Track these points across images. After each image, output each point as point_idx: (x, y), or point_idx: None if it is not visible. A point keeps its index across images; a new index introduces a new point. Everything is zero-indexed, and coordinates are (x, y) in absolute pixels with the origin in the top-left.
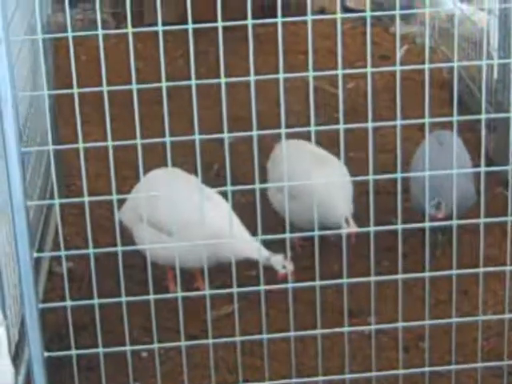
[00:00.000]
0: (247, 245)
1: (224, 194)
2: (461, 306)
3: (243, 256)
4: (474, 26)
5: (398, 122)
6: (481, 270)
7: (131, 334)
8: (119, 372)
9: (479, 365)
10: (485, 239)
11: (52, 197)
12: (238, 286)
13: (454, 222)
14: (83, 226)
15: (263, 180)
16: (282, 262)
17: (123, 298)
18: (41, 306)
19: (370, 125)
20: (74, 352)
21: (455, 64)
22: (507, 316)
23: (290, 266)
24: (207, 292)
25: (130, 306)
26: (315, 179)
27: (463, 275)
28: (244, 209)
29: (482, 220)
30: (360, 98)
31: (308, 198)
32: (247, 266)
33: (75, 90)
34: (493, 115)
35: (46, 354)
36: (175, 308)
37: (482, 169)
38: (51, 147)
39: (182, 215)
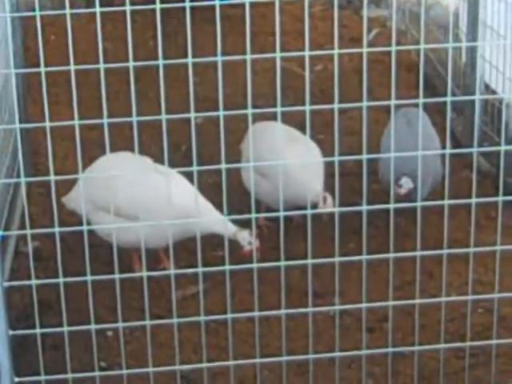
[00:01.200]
0: (213, 219)
1: (191, 175)
2: (426, 287)
3: (210, 231)
4: (443, 10)
5: (364, 104)
6: (445, 251)
7: (96, 314)
8: (84, 351)
9: (442, 346)
10: (450, 222)
11: (19, 176)
12: (204, 266)
13: (419, 204)
14: (50, 205)
15: (232, 161)
16: (248, 238)
17: (88, 277)
18: (6, 284)
19: (335, 106)
20: (38, 331)
21: (422, 46)
22: (470, 298)
23: (255, 242)
24: (172, 272)
25: (96, 286)
26: (287, 158)
27: (428, 257)
28: (212, 190)
29: (446, 202)
30: (328, 80)
31: (280, 176)
32: (213, 246)
33: (42, 69)
34: (459, 98)
35: (11, 332)
36: (141, 288)
37: (448, 151)
38: (18, 126)
39: (146, 198)
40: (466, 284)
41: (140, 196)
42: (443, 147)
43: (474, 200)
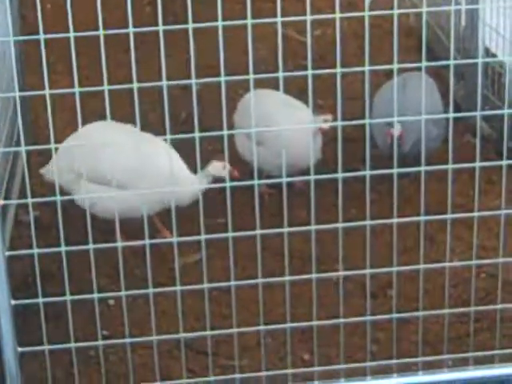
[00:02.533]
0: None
1: (191, 142)
2: (428, 252)
3: (191, 194)
4: None
5: (367, 68)
6: (448, 216)
7: (98, 283)
8: (86, 320)
9: (446, 311)
10: (452, 187)
11: (18, 146)
12: (206, 234)
13: (422, 169)
14: None
15: (230, 129)
16: (219, 166)
17: (90, 246)
18: (8, 253)
19: (338, 70)
20: (40, 300)
21: (424, 10)
22: (474, 262)
23: (228, 166)
24: (175, 239)
25: (96, 255)
26: (283, 124)
27: (430, 222)
28: (212, 157)
29: (450, 166)
30: (327, 45)
31: (275, 142)
32: (215, 213)
33: (41, 36)
34: (461, 61)
35: (13, 302)
36: (142, 256)
37: (451, 115)
38: (17, 94)
39: (136, 165)
40: (469, 249)
41: (130, 163)
42: (446, 111)
43: (477, 164)
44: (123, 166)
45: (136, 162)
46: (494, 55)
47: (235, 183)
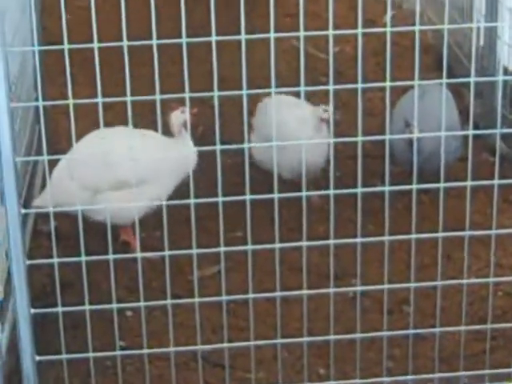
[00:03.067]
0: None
1: (211, 156)
2: (444, 270)
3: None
4: None
5: (388, 84)
6: (467, 233)
7: (116, 294)
8: (104, 331)
9: (463, 328)
10: (470, 204)
11: (38, 155)
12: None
13: (441, 185)
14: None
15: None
16: (178, 113)
17: (110, 256)
18: (28, 262)
19: (359, 86)
20: (60, 309)
21: (445, 27)
22: (491, 280)
23: (186, 109)
24: (194, 251)
25: (115, 267)
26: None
27: (446, 240)
28: (231, 170)
29: (468, 183)
30: (346, 62)
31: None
32: (232, 228)
33: (66, 46)
34: (481, 79)
35: (33, 310)
36: (160, 268)
37: (470, 132)
38: (41, 103)
39: (152, 163)
40: (485, 267)
41: (143, 158)
42: (463, 127)
43: (496, 182)
44: (140, 162)
45: (147, 155)
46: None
47: (255, 196)
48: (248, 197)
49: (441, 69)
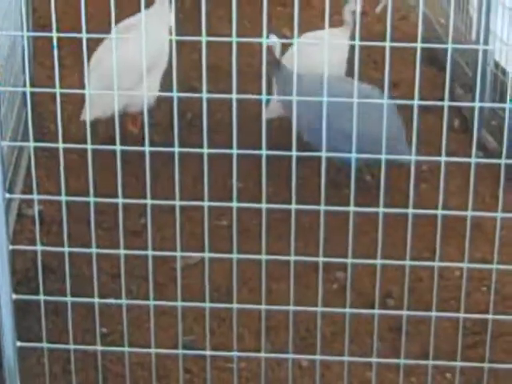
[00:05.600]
0: None
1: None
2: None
3: None
4: None
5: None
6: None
7: (98, 280)
8: (85, 317)
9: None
10: (455, 200)
11: (24, 140)
12: (208, 235)
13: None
14: (54, 169)
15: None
16: None
17: (94, 250)
18: (11, 247)
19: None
20: (42, 297)
21: (449, 46)
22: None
23: None
24: (178, 254)
25: (98, 253)
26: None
27: (434, 236)
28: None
29: (469, 213)
30: None
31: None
32: (217, 216)
33: (54, 34)
34: (489, 104)
35: (15, 296)
36: (142, 256)
37: (473, 160)
38: (29, 89)
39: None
40: (470, 263)
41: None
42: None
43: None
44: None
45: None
46: (503, 69)
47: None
48: (235, 204)
49: (433, 62)
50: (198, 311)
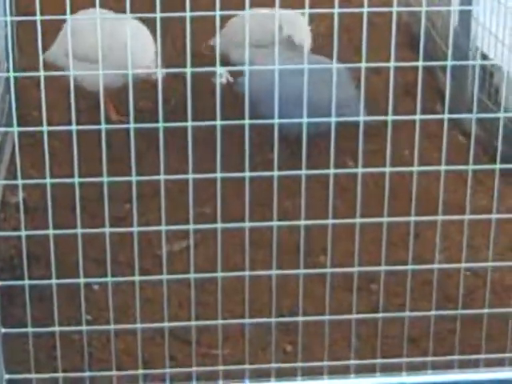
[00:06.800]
0: None
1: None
2: (413, 247)
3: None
4: None
5: (363, 65)
6: (439, 217)
7: (83, 267)
8: (70, 304)
9: (433, 313)
10: (439, 184)
11: (6, 126)
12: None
13: (415, 169)
14: (37, 156)
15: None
16: None
17: (79, 230)
18: None
19: (334, 66)
20: (27, 282)
21: (423, 9)
22: (463, 265)
23: None
24: (163, 228)
25: (83, 239)
26: None
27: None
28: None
29: (442, 168)
30: (319, 38)
31: None
32: (201, 203)
33: (38, 18)
34: (459, 62)
35: (0, 283)
36: (127, 241)
37: (446, 116)
38: (12, 74)
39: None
40: (453, 246)
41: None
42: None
43: (470, 167)
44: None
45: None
46: (484, 55)
47: (226, 174)
48: (219, 175)
49: (414, 47)
50: (183, 297)
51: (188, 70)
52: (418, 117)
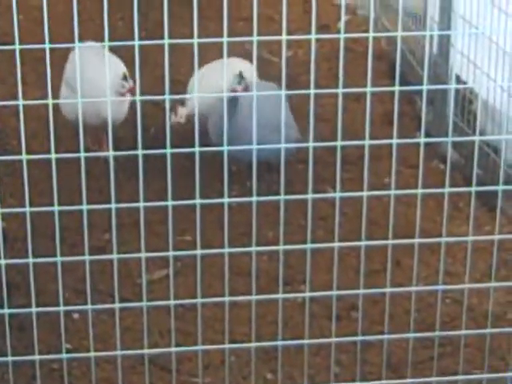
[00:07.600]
0: None
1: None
2: (393, 276)
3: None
4: None
5: (340, 91)
6: (416, 240)
7: (63, 296)
8: (50, 333)
9: (411, 335)
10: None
11: None
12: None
13: (392, 193)
14: (17, 186)
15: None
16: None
17: (58, 258)
18: None
19: (312, 92)
20: (7, 311)
21: (399, 34)
22: (440, 288)
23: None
24: (143, 255)
25: (62, 268)
26: None
27: (396, 246)
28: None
29: (419, 191)
30: (298, 67)
31: None
32: (181, 232)
33: (17, 47)
34: (435, 86)
35: None
36: (107, 271)
37: (422, 139)
38: None
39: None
40: (434, 274)
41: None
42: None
43: (446, 190)
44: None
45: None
46: (464, 82)
47: (205, 201)
48: (198, 201)
49: (394, 76)
50: (164, 326)
51: (167, 98)
52: (394, 141)
